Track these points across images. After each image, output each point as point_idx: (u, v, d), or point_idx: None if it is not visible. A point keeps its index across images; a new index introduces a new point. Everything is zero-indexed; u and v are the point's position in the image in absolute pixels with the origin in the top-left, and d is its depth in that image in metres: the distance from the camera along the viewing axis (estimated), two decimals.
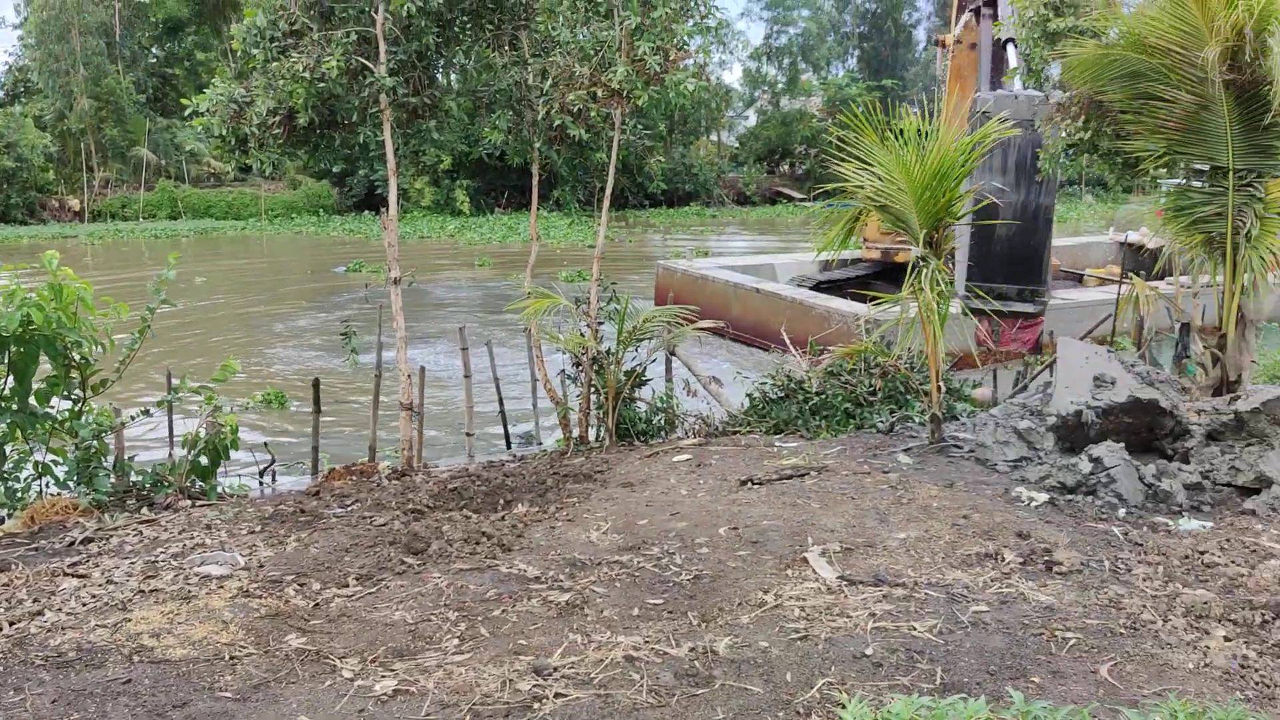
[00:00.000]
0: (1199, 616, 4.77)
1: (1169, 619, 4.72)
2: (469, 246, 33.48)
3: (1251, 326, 8.74)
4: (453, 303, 24.48)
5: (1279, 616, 4.76)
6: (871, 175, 8.27)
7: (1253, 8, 7.61)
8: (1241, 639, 4.54)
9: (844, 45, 60.17)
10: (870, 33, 60.02)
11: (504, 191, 42.68)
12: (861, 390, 9.23)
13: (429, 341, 19.03)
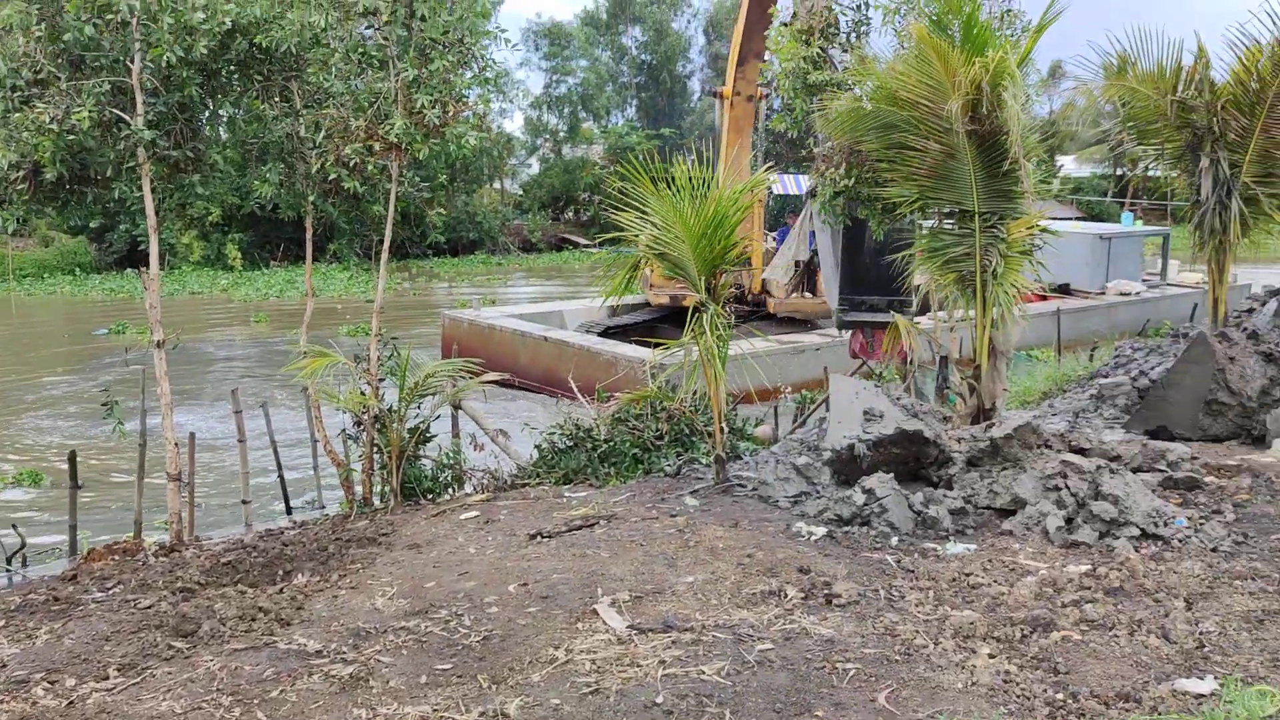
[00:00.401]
0: (966, 637, 5.03)
1: (939, 641, 4.96)
2: (244, 302, 32.15)
3: (1002, 357, 9.38)
4: (227, 362, 23.38)
5: (1035, 630, 5.09)
6: (650, 224, 8.45)
7: (988, 64, 8.22)
8: (1004, 655, 4.82)
9: (622, 95, 61.51)
10: (647, 83, 61.62)
11: (279, 244, 41.23)
12: (649, 435, 9.35)
13: (202, 404, 18.08)
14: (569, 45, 56.36)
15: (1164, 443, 8.76)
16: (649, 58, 61.36)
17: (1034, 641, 4.98)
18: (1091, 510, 6.68)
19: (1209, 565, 6.06)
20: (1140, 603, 5.51)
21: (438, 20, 9.52)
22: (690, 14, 62.42)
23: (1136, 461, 7.95)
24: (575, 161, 54.98)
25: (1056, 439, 8.18)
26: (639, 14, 60.19)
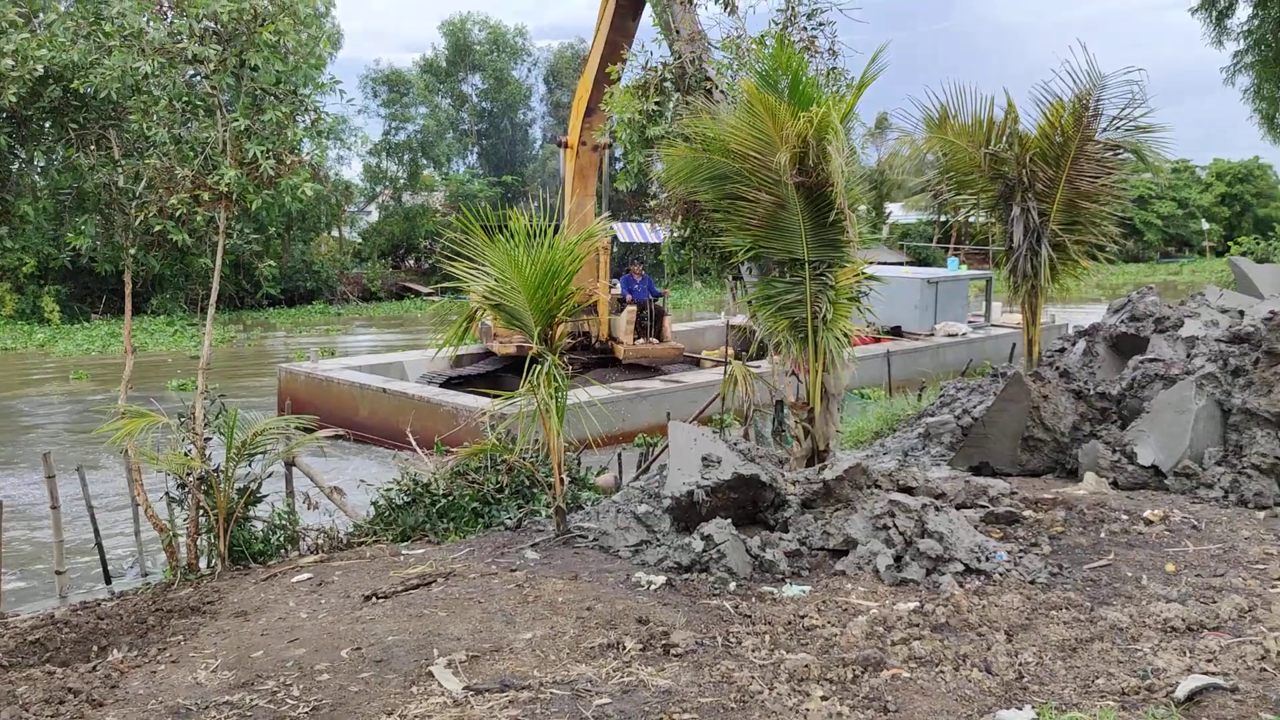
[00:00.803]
0: (800, 680, 5.10)
1: (774, 686, 5.01)
2: (63, 358, 30.40)
3: (834, 399, 9.65)
4: (44, 422, 22.06)
5: (866, 670, 5.21)
6: (486, 274, 8.40)
7: (813, 119, 8.51)
8: (836, 696, 4.91)
9: (463, 142, 61.31)
10: (488, 130, 61.64)
11: (101, 296, 39.33)
12: (489, 488, 9.24)
13: (13, 469, 16.97)
14: (408, 92, 55.94)
15: (986, 479, 9.17)
16: (490, 105, 61.46)
17: (865, 681, 5.09)
18: (919, 548, 6.91)
19: (1027, 597, 6.33)
20: (965, 637, 5.71)
21: (270, 70, 9.32)
22: (530, 63, 62.92)
23: (960, 498, 8.29)
24: (416, 209, 54.42)
25: (886, 478, 8.46)
26: (479, 62, 60.27)
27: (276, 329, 38.67)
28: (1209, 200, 77.49)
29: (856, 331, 10.18)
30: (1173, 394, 9.97)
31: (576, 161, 21.85)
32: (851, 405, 16.95)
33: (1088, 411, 10.59)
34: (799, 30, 12.03)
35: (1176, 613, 5.99)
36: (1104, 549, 7.47)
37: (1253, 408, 9.56)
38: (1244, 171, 79.71)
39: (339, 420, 19.45)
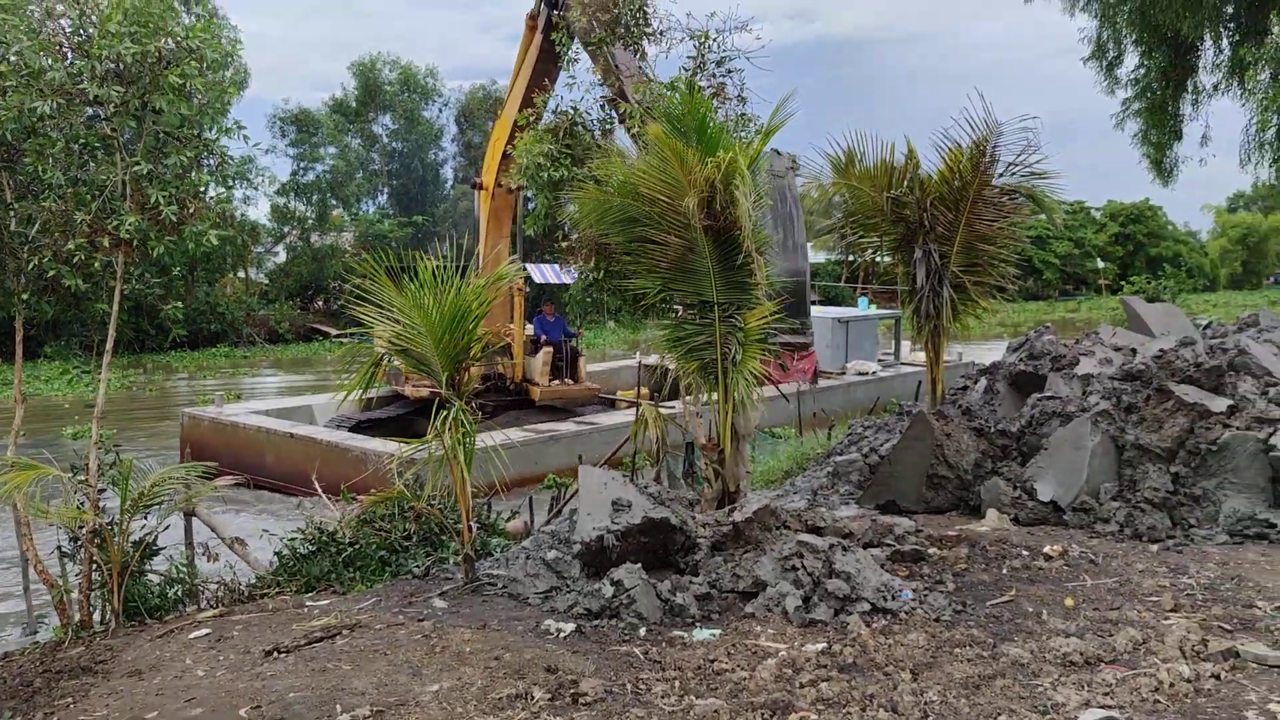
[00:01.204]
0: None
1: None
2: None
3: (744, 440, 9.73)
4: None
5: (775, 714, 5.21)
6: (392, 320, 8.31)
7: (721, 164, 8.63)
8: None
9: (373, 182, 60.81)
10: (399, 170, 61.28)
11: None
12: (396, 536, 9.08)
13: None
14: (317, 132, 55.35)
15: (892, 517, 9.31)
16: (400, 145, 61.15)
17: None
18: (827, 588, 6.97)
19: (932, 635, 6.42)
20: (871, 677, 5.76)
21: (175, 113, 9.13)
22: (441, 103, 62.80)
23: (868, 537, 8.40)
24: (325, 249, 53.68)
25: (795, 519, 8.54)
26: (389, 102, 60.00)
27: (179, 372, 37.69)
28: (1104, 240, 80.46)
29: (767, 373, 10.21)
30: (1069, 431, 10.26)
31: (491, 203, 21.79)
32: (763, 444, 17.09)
33: (989, 449, 10.84)
34: (708, 77, 12.25)
35: (1075, 647, 6.12)
36: (1006, 585, 7.62)
37: (1145, 443, 9.88)
38: (1136, 212, 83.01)
39: (245, 467, 18.98)
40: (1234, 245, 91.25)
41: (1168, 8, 25.80)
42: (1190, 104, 29.16)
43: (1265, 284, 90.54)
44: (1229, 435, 9.57)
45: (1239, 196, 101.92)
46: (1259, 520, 9.08)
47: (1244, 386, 10.54)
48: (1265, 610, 6.94)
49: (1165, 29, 26.59)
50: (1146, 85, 28.95)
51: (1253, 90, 23.48)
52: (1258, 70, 23.10)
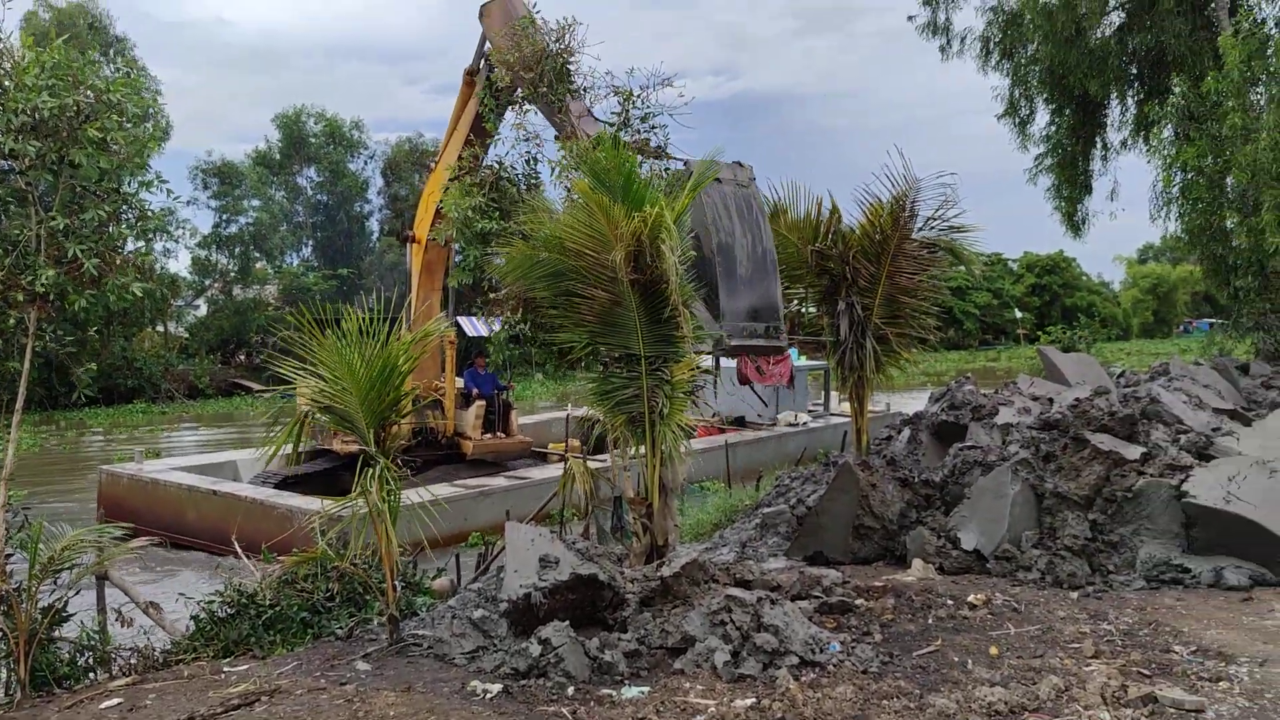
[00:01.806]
0: None
1: None
2: None
3: (672, 493, 9.73)
4: None
5: None
6: (316, 376, 8.19)
7: (647, 218, 8.71)
8: None
9: (298, 234, 60.32)
10: (324, 223, 60.85)
11: None
12: (319, 596, 8.87)
13: None
14: (241, 184, 54.78)
15: (820, 568, 9.37)
16: (325, 198, 60.78)
17: None
18: (755, 642, 6.97)
19: (860, 688, 6.45)
20: None
21: (94, 166, 8.98)
22: (367, 155, 62.64)
23: (795, 589, 8.42)
24: (247, 302, 52.90)
25: (723, 572, 8.54)
26: (314, 154, 59.70)
27: (93, 429, 36.67)
28: (1021, 290, 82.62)
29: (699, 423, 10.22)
30: (991, 480, 10.44)
31: (424, 256, 21.66)
32: (692, 497, 17.12)
33: (914, 498, 10.98)
34: (633, 133, 12.41)
35: (1000, 696, 6.19)
36: (932, 635, 7.69)
37: (1063, 491, 10.09)
38: (1051, 264, 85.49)
39: (166, 525, 18.47)
40: (1145, 295, 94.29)
41: (1075, 68, 26.80)
42: (1099, 160, 30.26)
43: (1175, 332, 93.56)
44: (1143, 483, 9.83)
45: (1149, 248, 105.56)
46: (1174, 566, 9.31)
47: (1156, 434, 10.86)
48: (1182, 655, 7.09)
49: (1074, 88, 27.61)
50: (1057, 142, 29.95)
51: (1157, 147, 24.41)
52: (1161, 128, 24.06)
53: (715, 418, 27.13)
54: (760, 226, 11.22)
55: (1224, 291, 25.86)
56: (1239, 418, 13.05)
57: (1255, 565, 9.17)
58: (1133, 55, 27.33)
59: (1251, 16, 22.27)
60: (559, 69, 12.85)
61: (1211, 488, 9.55)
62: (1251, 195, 20.84)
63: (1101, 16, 27.03)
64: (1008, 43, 29.22)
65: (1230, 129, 20.97)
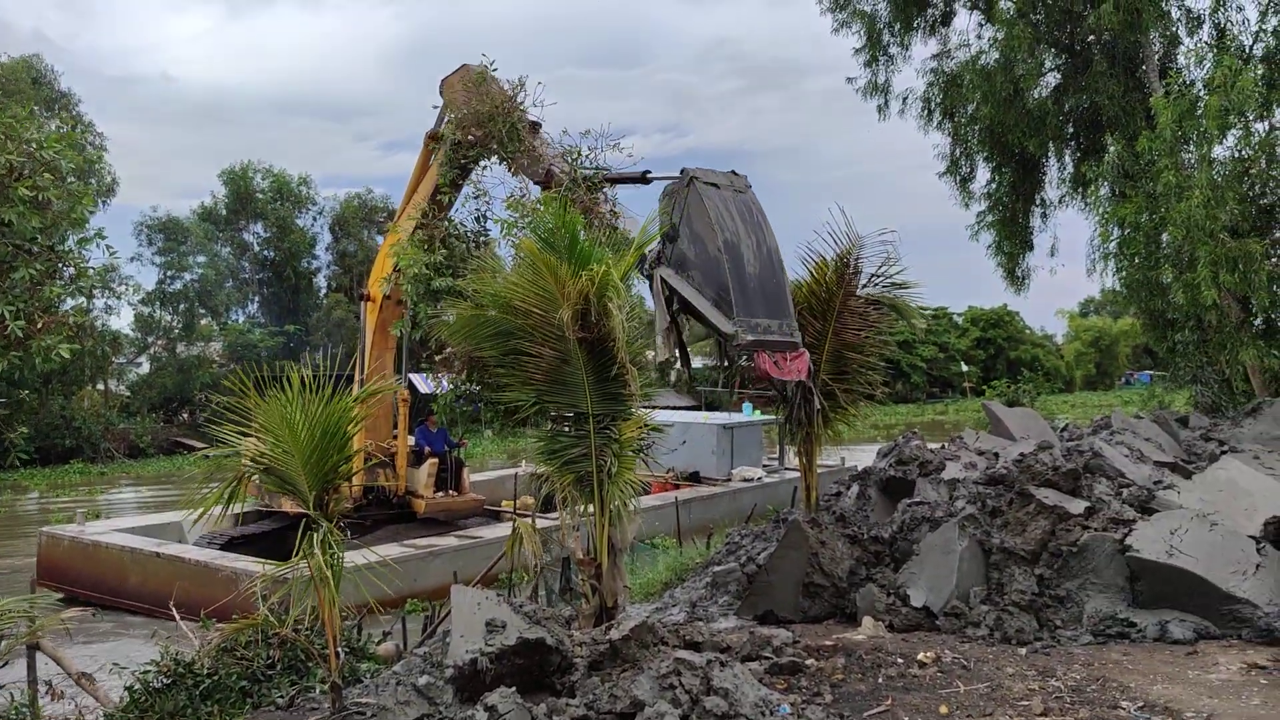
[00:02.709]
0: None
1: None
2: None
3: (621, 553, 9.65)
4: None
5: None
6: (257, 438, 8.04)
7: (594, 277, 8.73)
8: None
9: (244, 291, 59.70)
10: (270, 279, 60.29)
11: None
12: (259, 664, 8.65)
13: None
14: (186, 240, 54.14)
15: (770, 628, 9.31)
16: (272, 254, 60.29)
17: None
18: (705, 706, 6.88)
19: None
20: None
21: (26, 225, 8.83)
22: (315, 211, 62.32)
23: (746, 650, 8.36)
24: (191, 360, 52.01)
25: (672, 634, 8.46)
26: (261, 210, 59.31)
27: (30, 491, 35.74)
28: (966, 344, 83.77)
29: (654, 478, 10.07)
30: (938, 536, 10.49)
31: (380, 315, 21.48)
32: (643, 554, 17.00)
33: (863, 555, 10.99)
34: (581, 192, 12.49)
35: None
36: (882, 694, 7.65)
37: (1010, 546, 10.16)
38: (995, 317, 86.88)
39: (107, 589, 18.01)
40: (1087, 348, 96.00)
41: (1014, 128, 27.44)
42: (1039, 217, 30.87)
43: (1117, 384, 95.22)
44: (1088, 537, 9.92)
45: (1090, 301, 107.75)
46: (1120, 620, 9.37)
47: (1099, 488, 10.98)
48: (1129, 711, 7.11)
49: (1013, 147, 28.25)
50: (998, 199, 30.55)
51: (1094, 204, 24.99)
52: (1098, 186, 24.64)
53: (670, 473, 27.08)
54: (762, 228, 11.22)
55: (1163, 345, 26.39)
56: (1179, 470, 13.25)
57: (1198, 618, 9.26)
58: (1069, 115, 28.05)
59: (1181, 78, 22.98)
60: (509, 127, 12.95)
61: (1154, 541, 9.66)
62: (1186, 251, 21.35)
63: (1038, 78, 27.72)
64: (948, 103, 29.87)
65: (1164, 186, 21.53)
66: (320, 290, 63.06)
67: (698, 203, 10.83)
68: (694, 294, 10.78)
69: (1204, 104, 21.54)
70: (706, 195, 10.86)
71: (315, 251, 62.58)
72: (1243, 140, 22.48)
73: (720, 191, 11.14)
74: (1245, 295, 21.99)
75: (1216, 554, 9.56)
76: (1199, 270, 20.71)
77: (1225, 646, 8.83)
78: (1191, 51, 25.33)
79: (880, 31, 30.70)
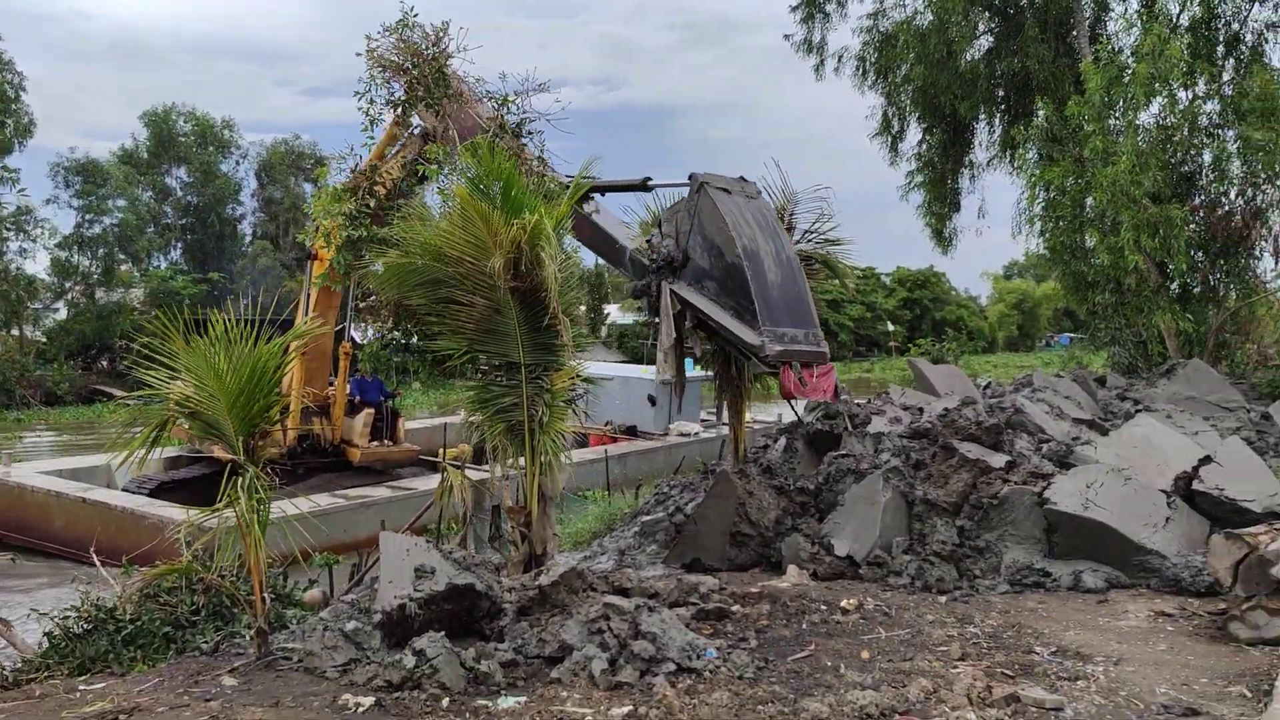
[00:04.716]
0: None
1: None
2: None
3: (552, 502, 9.68)
4: None
5: None
6: (183, 381, 7.89)
7: (526, 225, 8.66)
8: None
9: (166, 237, 58.18)
10: (194, 225, 58.84)
11: None
12: (183, 610, 8.56)
13: None
14: (105, 183, 52.45)
15: (697, 575, 9.43)
16: (196, 199, 58.78)
17: None
18: (633, 650, 6.97)
19: (735, 693, 6.50)
20: None
21: None
22: (239, 155, 60.81)
23: (673, 597, 8.46)
24: (111, 306, 50.61)
25: (601, 580, 8.53)
26: (184, 154, 57.74)
27: None
28: (893, 304, 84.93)
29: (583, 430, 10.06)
30: (863, 487, 10.69)
31: (324, 269, 21.10)
32: (574, 506, 17.06)
33: (789, 506, 11.16)
34: (509, 139, 12.34)
35: (871, 699, 6.31)
36: (806, 640, 7.81)
37: (932, 498, 10.39)
38: (922, 278, 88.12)
39: (32, 532, 17.69)
40: (1010, 310, 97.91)
41: (946, 89, 27.70)
42: (967, 179, 31.28)
43: (1039, 346, 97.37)
44: (1008, 490, 10.19)
45: (1014, 264, 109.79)
46: (1036, 570, 9.66)
47: (1020, 443, 11.27)
48: (1043, 656, 7.36)
49: (945, 109, 28.52)
50: (928, 160, 30.87)
51: (1021, 167, 25.38)
52: (1026, 149, 25.02)
53: (608, 426, 27.18)
54: (779, 235, 10.85)
55: (1083, 307, 27.02)
56: (1096, 427, 13.64)
57: (1111, 568, 9.58)
58: (1000, 79, 28.36)
59: (1110, 45, 23.34)
60: (435, 72, 12.71)
61: (1071, 495, 9.95)
62: (1110, 215, 21.83)
63: (971, 40, 27.96)
64: (883, 63, 29.99)
65: (1091, 151, 21.95)
66: (245, 238, 61.77)
67: (711, 209, 10.52)
68: (711, 306, 10.45)
69: (1132, 71, 21.93)
70: (720, 201, 10.57)
71: (240, 198, 61.21)
72: (1167, 108, 22.97)
73: (733, 197, 10.84)
74: (1163, 260, 22.59)
75: (1129, 507, 9.89)
76: (1122, 234, 21.20)
77: (1135, 595, 9.16)
78: (1121, 19, 25.73)
79: None
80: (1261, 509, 10.02)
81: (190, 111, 58.41)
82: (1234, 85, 24.18)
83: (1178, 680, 6.83)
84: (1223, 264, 23.94)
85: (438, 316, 9.49)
